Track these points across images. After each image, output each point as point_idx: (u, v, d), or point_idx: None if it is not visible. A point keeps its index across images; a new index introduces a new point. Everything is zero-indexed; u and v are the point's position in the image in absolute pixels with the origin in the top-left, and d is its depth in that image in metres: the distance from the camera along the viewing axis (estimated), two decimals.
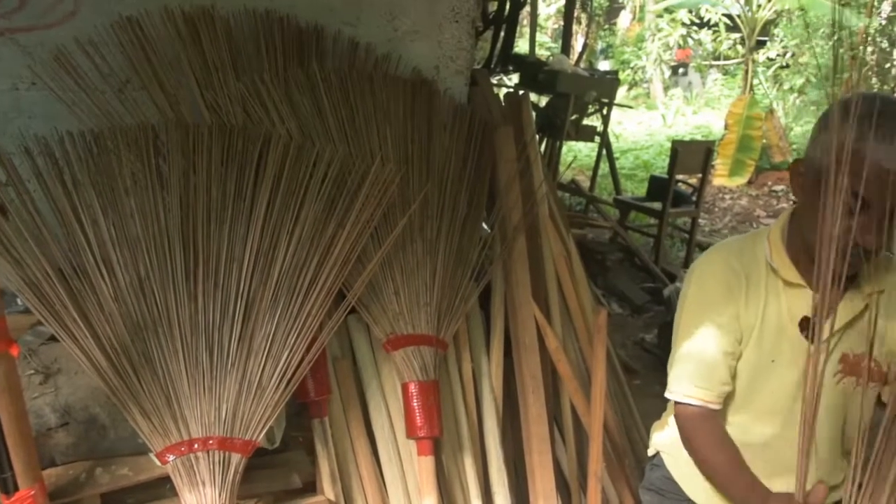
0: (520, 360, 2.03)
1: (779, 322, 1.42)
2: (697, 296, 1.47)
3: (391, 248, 1.88)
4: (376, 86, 2.04)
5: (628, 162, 8.78)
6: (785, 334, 1.42)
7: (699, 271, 1.49)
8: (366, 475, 1.85)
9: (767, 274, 1.43)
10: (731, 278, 1.43)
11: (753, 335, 1.43)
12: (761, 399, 1.46)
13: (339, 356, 1.93)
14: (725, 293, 1.43)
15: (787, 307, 1.42)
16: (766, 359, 1.43)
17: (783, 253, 1.43)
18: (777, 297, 1.42)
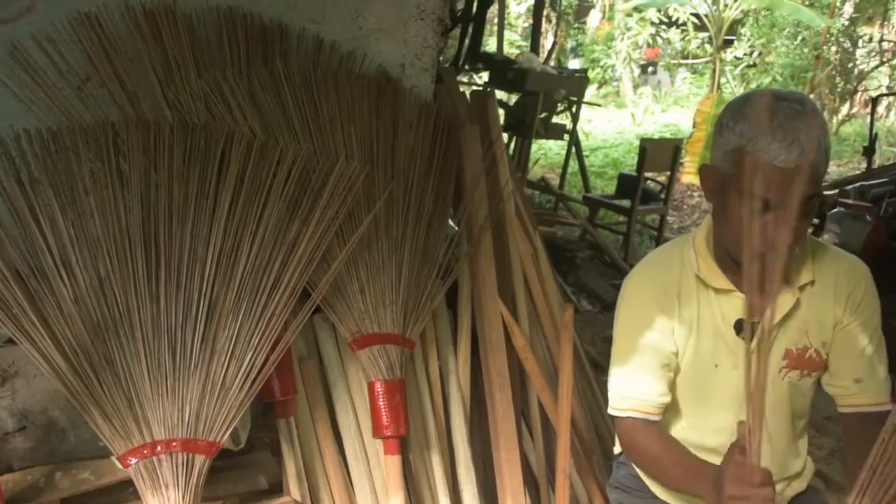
0: (486, 358, 2.03)
1: (714, 328, 1.44)
2: (630, 314, 1.49)
3: (356, 247, 1.87)
4: (341, 84, 2.03)
5: (598, 160, 8.83)
6: (722, 339, 1.45)
7: (630, 290, 1.51)
8: (332, 475, 1.84)
9: (697, 284, 1.45)
10: (661, 295, 1.45)
11: (690, 344, 1.45)
12: (710, 404, 1.49)
13: (306, 356, 1.92)
14: (657, 309, 1.44)
15: (720, 313, 1.44)
16: (708, 365, 1.46)
17: (709, 259, 1.44)
18: (709, 304, 1.44)
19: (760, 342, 1.40)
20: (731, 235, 1.35)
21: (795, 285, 1.43)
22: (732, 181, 1.29)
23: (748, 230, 1.27)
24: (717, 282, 1.43)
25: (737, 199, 1.29)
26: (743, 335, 1.43)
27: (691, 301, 1.44)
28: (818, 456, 2.95)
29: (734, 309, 1.43)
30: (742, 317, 1.43)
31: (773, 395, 1.46)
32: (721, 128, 1.31)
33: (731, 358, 1.45)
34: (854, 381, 1.44)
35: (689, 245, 1.48)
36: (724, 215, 1.35)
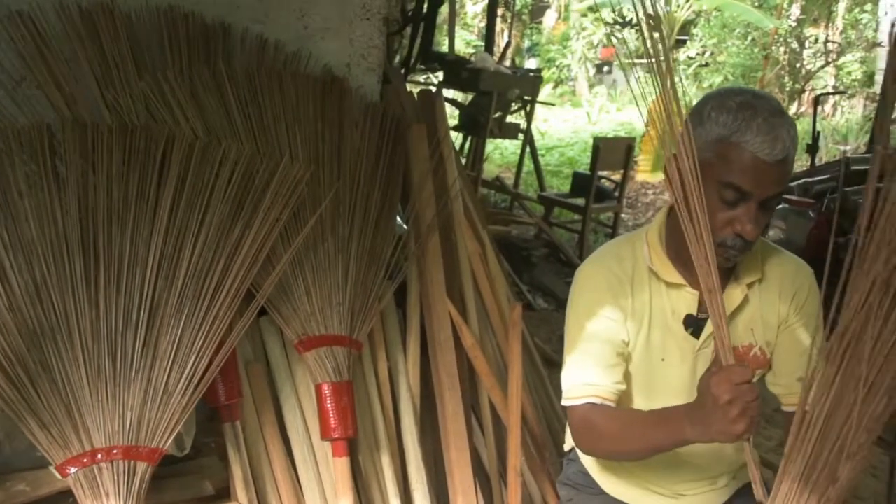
0: (435, 358, 2.03)
1: (664, 322, 1.46)
2: (583, 304, 1.48)
3: (302, 249, 1.85)
4: (285, 84, 2.01)
5: (554, 159, 8.90)
6: (671, 333, 1.46)
7: (583, 280, 1.51)
8: (281, 479, 1.82)
9: (649, 277, 1.46)
10: (614, 284, 1.45)
11: (641, 337, 1.46)
12: (656, 399, 1.49)
13: (252, 359, 1.90)
14: (611, 298, 1.45)
15: (670, 307, 1.46)
16: (655, 359, 1.47)
17: (662, 254, 1.46)
18: (660, 298, 1.45)
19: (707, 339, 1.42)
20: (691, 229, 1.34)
21: (744, 282, 1.45)
22: (709, 171, 1.29)
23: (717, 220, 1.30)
24: (669, 276, 1.44)
25: (711, 188, 1.30)
26: (692, 331, 1.45)
27: (643, 293, 1.45)
28: (767, 447, 3.01)
29: (684, 304, 1.45)
30: (692, 312, 1.45)
31: None
32: (702, 118, 1.31)
33: (678, 353, 1.46)
34: (796, 379, 1.45)
35: (641, 240, 1.49)
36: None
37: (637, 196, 7.72)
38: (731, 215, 1.31)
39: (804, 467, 1.04)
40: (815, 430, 1.04)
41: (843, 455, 1.02)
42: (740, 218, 1.30)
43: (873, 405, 1.01)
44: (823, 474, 1.03)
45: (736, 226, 1.31)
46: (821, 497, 1.04)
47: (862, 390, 1.00)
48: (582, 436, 1.48)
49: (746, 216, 1.30)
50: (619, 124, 11.06)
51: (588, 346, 1.45)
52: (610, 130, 10.43)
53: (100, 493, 1.49)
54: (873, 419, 1.01)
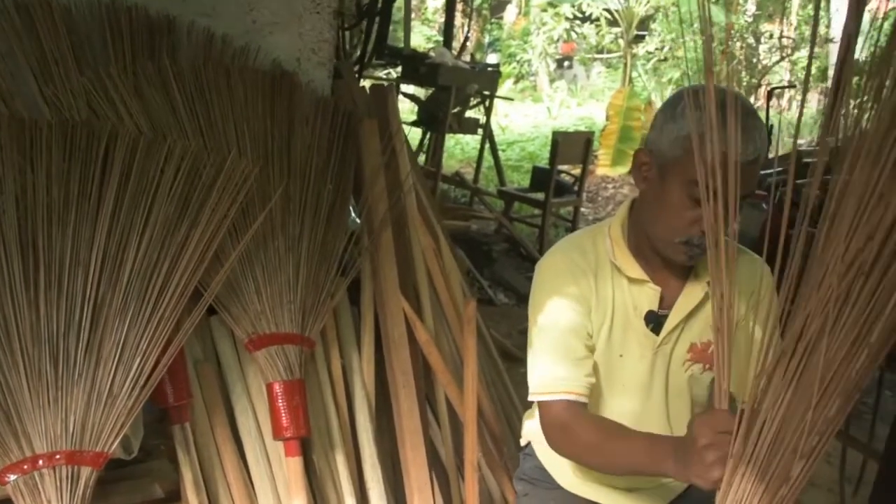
0: (390, 355, 2.02)
1: (626, 318, 1.45)
2: (548, 295, 1.46)
3: (251, 246, 1.82)
4: (233, 79, 1.98)
5: (514, 154, 8.93)
6: (632, 329, 1.45)
7: (546, 270, 1.49)
8: (233, 480, 1.79)
9: (612, 271, 1.44)
10: (578, 275, 1.44)
11: (603, 331, 1.45)
12: (612, 394, 1.49)
13: (202, 359, 1.86)
14: (575, 289, 1.43)
15: (632, 303, 1.45)
16: (615, 354, 1.46)
17: (625, 248, 1.45)
18: (623, 293, 1.44)
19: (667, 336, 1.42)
20: (664, 222, 1.35)
21: (704, 280, 1.44)
22: (679, 168, 1.29)
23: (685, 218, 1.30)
24: (631, 271, 1.43)
25: (680, 186, 1.30)
26: (652, 327, 1.45)
27: (606, 287, 1.44)
28: None
29: (647, 300, 1.44)
30: (653, 309, 1.44)
31: (673, 386, 1.49)
32: (673, 115, 1.30)
33: (638, 349, 1.46)
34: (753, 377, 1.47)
35: (603, 233, 1.48)
36: (662, 202, 1.34)
37: (597, 190, 7.78)
38: (698, 214, 1.29)
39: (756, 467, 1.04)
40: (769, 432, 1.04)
41: (797, 456, 1.01)
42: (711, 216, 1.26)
43: (827, 408, 1.01)
44: (776, 474, 1.03)
45: (703, 225, 1.27)
46: (773, 496, 1.04)
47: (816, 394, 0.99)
48: (555, 436, 1.46)
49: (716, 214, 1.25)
50: (579, 119, 11.13)
51: (554, 339, 1.43)
52: (570, 125, 10.49)
53: (41, 499, 1.45)
54: (826, 421, 1.01)
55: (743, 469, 1.03)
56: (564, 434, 1.43)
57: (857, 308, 0.96)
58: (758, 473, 1.03)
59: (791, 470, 1.01)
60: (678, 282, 1.46)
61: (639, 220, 1.44)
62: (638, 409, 1.49)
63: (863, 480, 2.65)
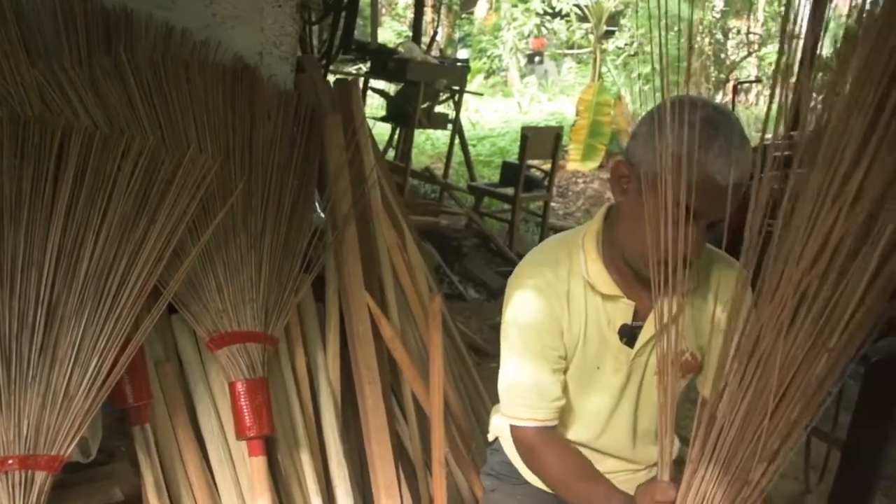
0: (355, 352, 2.00)
1: (600, 333, 1.43)
2: (520, 316, 1.43)
3: (212, 243, 1.80)
4: (193, 73, 1.95)
5: (485, 149, 8.92)
6: (607, 343, 1.43)
7: (519, 291, 1.45)
8: (195, 481, 1.77)
9: (585, 288, 1.41)
10: (551, 297, 1.41)
11: (578, 348, 1.43)
12: (586, 405, 1.49)
13: (163, 359, 1.83)
14: (548, 311, 1.40)
15: (606, 318, 1.42)
16: (591, 367, 1.45)
17: (598, 263, 1.41)
18: (596, 309, 1.42)
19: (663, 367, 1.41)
20: (638, 237, 1.30)
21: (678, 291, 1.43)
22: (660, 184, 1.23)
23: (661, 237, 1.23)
24: (605, 287, 1.40)
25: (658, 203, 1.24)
26: (626, 340, 1.43)
27: (579, 304, 1.41)
28: None
29: (620, 315, 1.42)
30: (627, 322, 1.42)
31: (645, 391, 1.48)
32: (654, 130, 1.24)
33: (613, 362, 1.44)
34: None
35: (577, 245, 1.44)
36: (639, 218, 1.28)
37: (568, 185, 7.80)
38: (678, 234, 1.23)
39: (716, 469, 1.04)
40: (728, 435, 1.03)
41: (756, 459, 1.01)
42: (689, 237, 1.23)
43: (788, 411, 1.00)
44: (736, 476, 1.02)
45: (683, 244, 1.25)
46: (735, 498, 1.03)
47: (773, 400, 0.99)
48: (523, 455, 1.49)
49: (693, 236, 1.23)
50: (549, 114, 11.14)
51: (526, 361, 1.42)
52: (541, 120, 10.50)
53: None
54: (788, 425, 1.00)
55: (703, 471, 1.03)
56: (532, 457, 1.47)
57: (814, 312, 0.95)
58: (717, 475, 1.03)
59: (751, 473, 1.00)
60: (651, 293, 1.43)
61: (614, 230, 1.40)
62: (608, 410, 1.49)
63: (827, 468, 2.68)
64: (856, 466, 1.77)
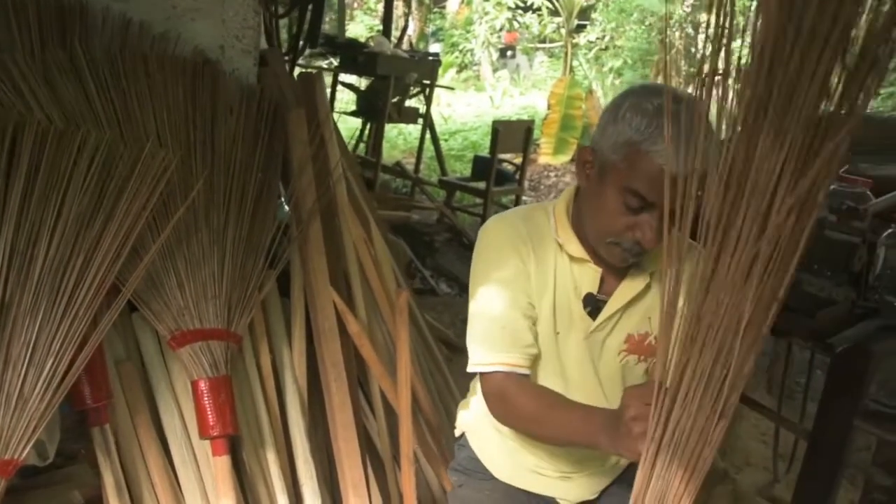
0: (321, 348, 1.97)
1: (566, 296, 1.43)
2: (488, 263, 1.43)
3: (173, 240, 1.76)
4: (152, 67, 1.90)
5: (457, 143, 8.91)
6: (569, 309, 1.43)
7: (488, 237, 1.45)
8: (158, 482, 1.73)
9: (555, 248, 1.42)
10: (520, 245, 1.41)
11: (545, 304, 1.42)
12: (545, 370, 1.48)
13: (124, 358, 1.80)
14: (515, 257, 1.40)
15: (573, 282, 1.43)
16: (551, 331, 1.44)
17: (568, 228, 1.42)
18: (564, 270, 1.42)
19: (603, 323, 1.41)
20: (599, 222, 1.33)
21: (647, 271, 1.43)
22: (616, 173, 1.27)
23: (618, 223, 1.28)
24: (573, 250, 1.41)
25: (616, 191, 1.27)
26: (589, 310, 1.43)
27: (548, 261, 1.42)
28: None
29: (587, 280, 1.42)
30: (593, 291, 1.42)
31: (606, 374, 1.48)
32: (616, 117, 1.27)
33: (573, 330, 1.44)
34: None
35: (548, 211, 1.46)
36: (598, 204, 1.32)
37: (539, 179, 7.81)
38: (634, 221, 1.29)
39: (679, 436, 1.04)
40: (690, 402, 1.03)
41: (716, 418, 1.01)
42: (641, 225, 1.28)
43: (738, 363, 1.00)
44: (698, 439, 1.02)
45: (636, 232, 1.29)
46: (696, 459, 1.03)
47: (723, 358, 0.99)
48: (495, 406, 1.44)
49: (648, 225, 1.27)
50: (521, 108, 11.16)
51: (495, 306, 1.40)
52: (513, 114, 10.51)
53: None
54: (740, 378, 1.00)
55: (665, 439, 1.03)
56: (504, 404, 1.41)
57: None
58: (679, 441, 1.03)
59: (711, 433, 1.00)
60: (620, 269, 1.43)
61: (580, 210, 1.42)
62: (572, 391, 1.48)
63: (795, 458, 2.70)
64: (821, 455, 1.78)
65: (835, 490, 1.79)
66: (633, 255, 1.33)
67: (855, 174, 1.92)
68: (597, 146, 1.32)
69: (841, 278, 1.79)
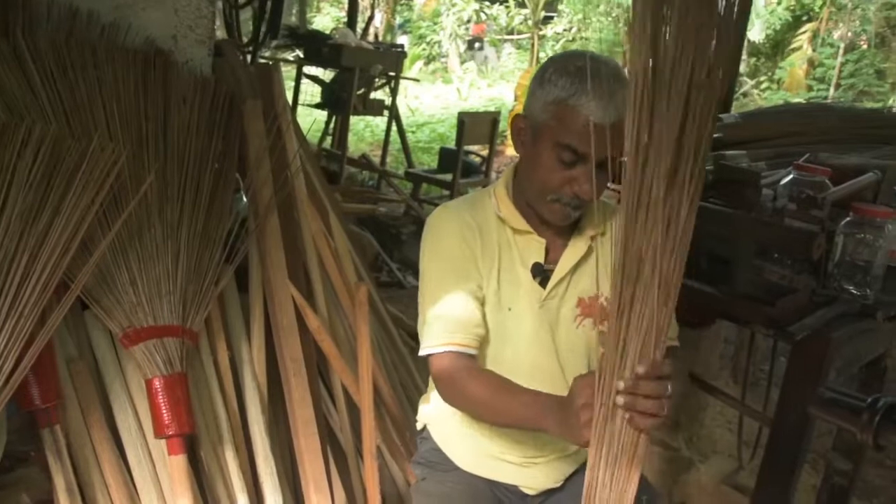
0: (280, 343, 1.94)
1: (513, 270, 1.47)
2: (436, 248, 1.47)
3: (125, 235, 1.72)
4: (101, 58, 1.85)
5: (425, 135, 8.89)
6: (519, 282, 1.47)
7: (434, 225, 1.50)
8: (112, 483, 1.69)
9: (498, 225, 1.48)
10: (465, 230, 1.46)
11: (492, 283, 1.46)
12: (503, 346, 1.49)
13: (76, 357, 1.75)
14: (461, 243, 1.45)
15: (519, 255, 1.47)
16: (504, 308, 1.47)
17: (509, 204, 1.49)
18: (509, 246, 1.47)
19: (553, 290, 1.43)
20: (538, 184, 1.40)
21: (588, 234, 1.49)
22: (548, 132, 1.34)
23: (555, 179, 1.35)
24: (516, 222, 1.47)
25: (550, 149, 1.35)
26: (539, 280, 1.47)
27: (493, 240, 1.47)
28: None
29: (532, 252, 1.47)
30: (540, 261, 1.47)
31: (568, 343, 1.50)
32: (542, 81, 1.35)
33: (525, 302, 1.47)
34: None
35: (489, 193, 1.52)
36: (535, 164, 1.39)
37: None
38: (569, 175, 1.36)
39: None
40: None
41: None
42: (578, 179, 1.35)
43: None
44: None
45: (574, 186, 1.36)
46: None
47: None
48: (444, 388, 1.46)
49: (584, 177, 1.34)
50: (489, 100, 11.16)
51: (443, 291, 1.44)
52: (480, 106, 10.51)
53: None
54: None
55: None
56: (453, 386, 1.43)
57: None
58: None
59: None
60: (563, 237, 1.50)
61: (520, 181, 1.48)
62: (529, 370, 1.48)
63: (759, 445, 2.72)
64: (783, 442, 1.80)
65: (796, 476, 1.80)
66: (573, 208, 1.40)
67: (815, 163, 1.93)
68: (528, 112, 1.40)
69: (801, 266, 1.80)
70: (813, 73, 11.54)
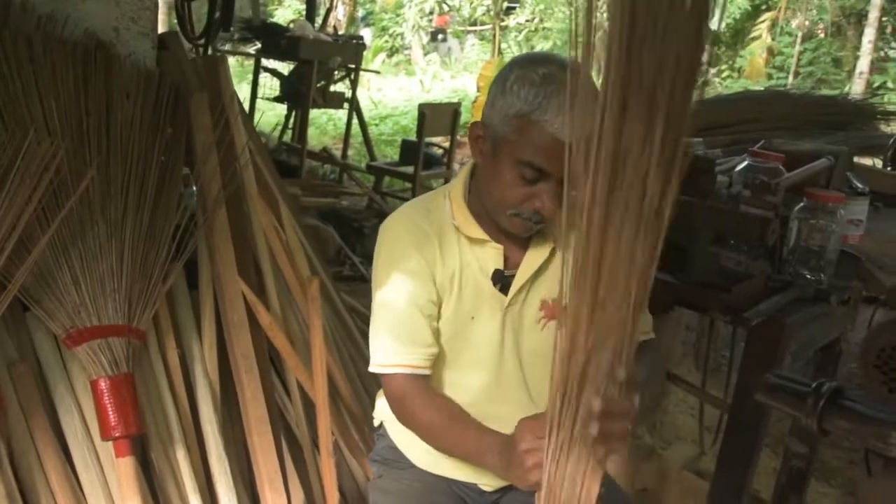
0: (231, 340, 1.90)
1: (473, 279, 1.41)
2: (390, 262, 1.40)
3: (66, 233, 1.67)
4: (37, 50, 1.79)
5: (388, 128, 8.85)
6: (480, 290, 1.41)
7: (388, 236, 1.43)
8: (59, 489, 1.64)
9: (456, 234, 1.41)
10: (421, 239, 1.38)
11: (453, 294, 1.40)
12: (465, 356, 1.45)
13: (17, 359, 1.69)
14: (417, 255, 1.38)
15: (477, 263, 1.41)
16: (466, 317, 1.42)
17: (465, 210, 1.41)
18: (467, 254, 1.41)
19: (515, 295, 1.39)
20: (497, 196, 1.32)
21: (551, 238, 1.42)
22: (509, 147, 1.25)
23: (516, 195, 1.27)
24: (471, 231, 1.39)
25: (510, 165, 1.26)
26: (500, 286, 1.41)
27: (451, 249, 1.40)
28: None
29: (491, 259, 1.41)
30: (499, 268, 1.41)
31: (528, 348, 1.46)
32: (504, 89, 1.25)
33: (488, 310, 1.42)
34: None
35: (445, 196, 1.43)
36: (494, 178, 1.31)
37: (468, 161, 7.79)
38: (531, 191, 1.28)
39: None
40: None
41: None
42: (540, 195, 1.28)
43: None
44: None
45: (535, 202, 1.29)
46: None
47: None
48: (395, 409, 1.43)
49: (546, 194, 1.27)
50: (452, 91, 11.14)
51: (395, 309, 1.38)
52: (444, 97, 10.48)
53: None
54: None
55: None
56: (403, 410, 1.41)
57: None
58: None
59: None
60: (522, 241, 1.43)
61: (478, 187, 1.40)
62: (491, 378, 1.45)
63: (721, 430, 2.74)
64: (741, 427, 1.81)
65: (754, 460, 1.81)
66: (535, 222, 1.33)
67: (769, 150, 1.94)
68: (487, 121, 1.30)
69: (756, 252, 1.80)
70: (773, 62, 11.70)
